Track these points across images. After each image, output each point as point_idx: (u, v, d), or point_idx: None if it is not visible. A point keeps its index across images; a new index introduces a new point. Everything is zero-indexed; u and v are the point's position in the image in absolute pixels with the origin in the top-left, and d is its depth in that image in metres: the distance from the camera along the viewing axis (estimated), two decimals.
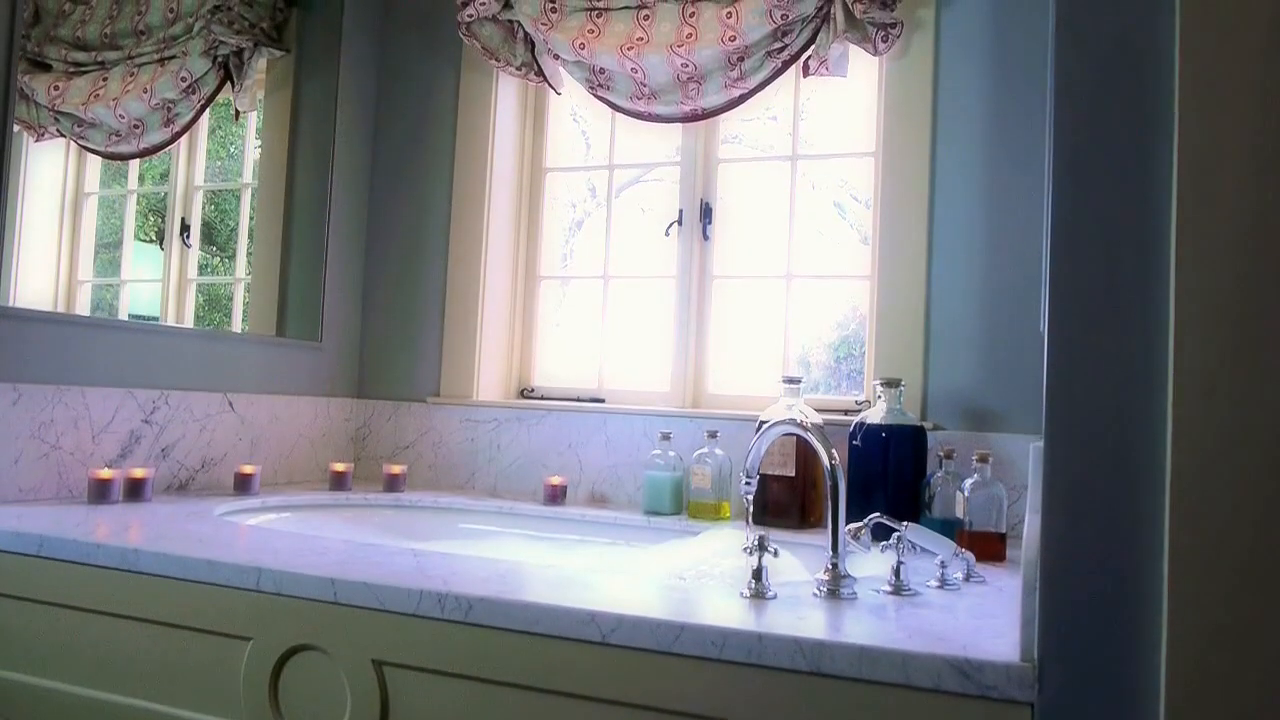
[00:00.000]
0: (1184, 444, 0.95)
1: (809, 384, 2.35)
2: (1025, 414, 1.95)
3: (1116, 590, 0.97)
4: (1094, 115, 1.02)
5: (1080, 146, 1.03)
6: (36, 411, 1.80)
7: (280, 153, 2.53)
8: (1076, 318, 1.01)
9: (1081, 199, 1.03)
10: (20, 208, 2.00)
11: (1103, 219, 1.03)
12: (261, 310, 2.43)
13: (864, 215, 2.27)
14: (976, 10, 2.05)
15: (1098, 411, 1.00)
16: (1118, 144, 1.02)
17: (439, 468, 2.42)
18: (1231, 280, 0.97)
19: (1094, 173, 1.03)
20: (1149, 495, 0.97)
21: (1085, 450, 1.01)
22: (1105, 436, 1.01)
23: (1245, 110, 0.98)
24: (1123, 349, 1.00)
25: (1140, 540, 0.97)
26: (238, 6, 2.42)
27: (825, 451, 1.36)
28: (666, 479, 2.08)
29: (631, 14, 2.24)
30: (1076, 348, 1.01)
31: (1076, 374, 1.01)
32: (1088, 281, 1.01)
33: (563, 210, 2.61)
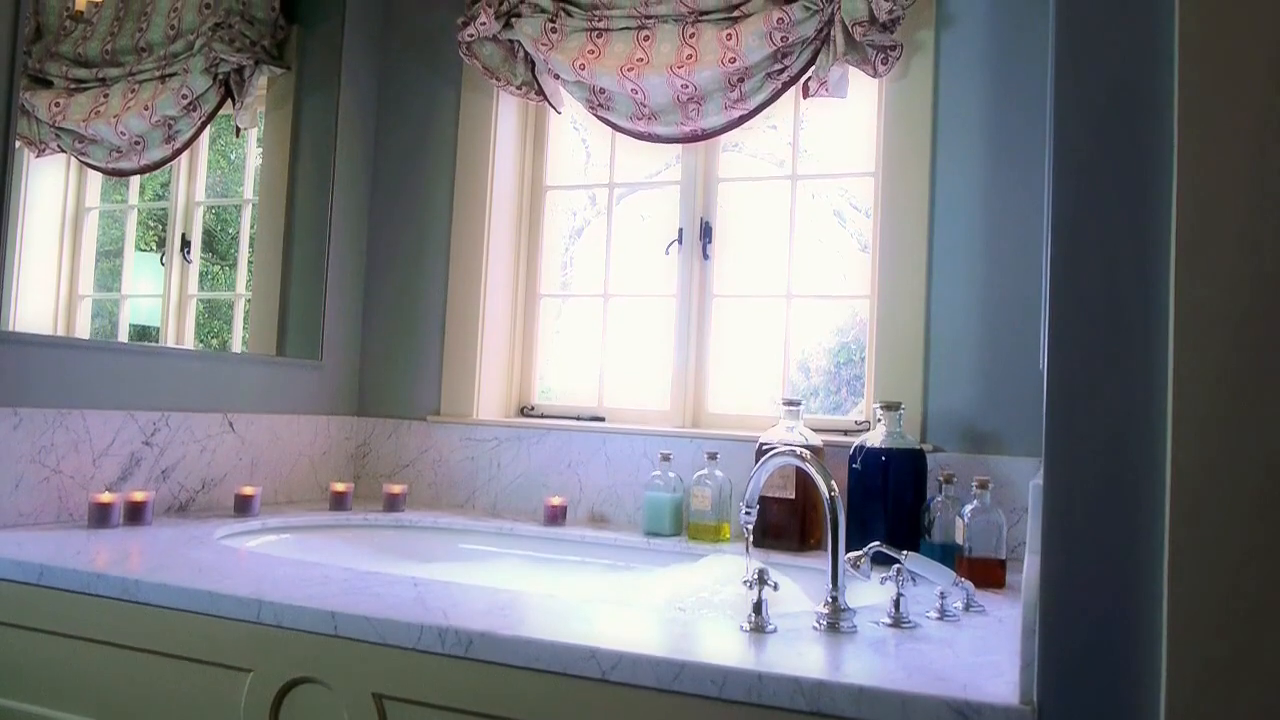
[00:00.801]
0: (1182, 487, 0.95)
1: (809, 389, 2.36)
2: (1025, 436, 1.96)
3: (1116, 633, 0.98)
4: (1093, 162, 1.02)
5: (1080, 191, 1.03)
6: (37, 435, 1.80)
7: (281, 170, 2.54)
8: (1076, 361, 1.01)
9: (1080, 248, 1.03)
10: (21, 223, 2.00)
11: (1103, 263, 1.03)
12: (261, 329, 2.44)
13: (864, 224, 2.28)
14: (976, 33, 2.05)
15: (1097, 454, 1.00)
16: (1117, 187, 1.02)
17: (439, 486, 2.42)
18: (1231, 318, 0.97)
19: (1093, 223, 1.04)
20: (1148, 539, 0.97)
21: (1085, 493, 1.01)
22: (1105, 479, 1.01)
23: (1244, 149, 0.98)
24: (1122, 392, 1.00)
25: (1140, 584, 0.97)
26: (238, 24, 2.42)
27: (824, 483, 1.36)
28: (666, 500, 2.08)
29: (632, 34, 2.25)
30: (1076, 390, 1.01)
31: (1076, 416, 1.01)
32: (1086, 326, 1.01)
33: (563, 218, 2.61)
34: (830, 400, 2.35)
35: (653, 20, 2.23)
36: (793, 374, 2.32)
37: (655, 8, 2.21)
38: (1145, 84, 1.01)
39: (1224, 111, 0.97)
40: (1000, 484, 1.92)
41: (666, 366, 2.38)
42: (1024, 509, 1.92)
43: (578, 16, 2.29)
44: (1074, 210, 1.03)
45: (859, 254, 2.29)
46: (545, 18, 2.30)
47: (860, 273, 2.27)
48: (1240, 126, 0.97)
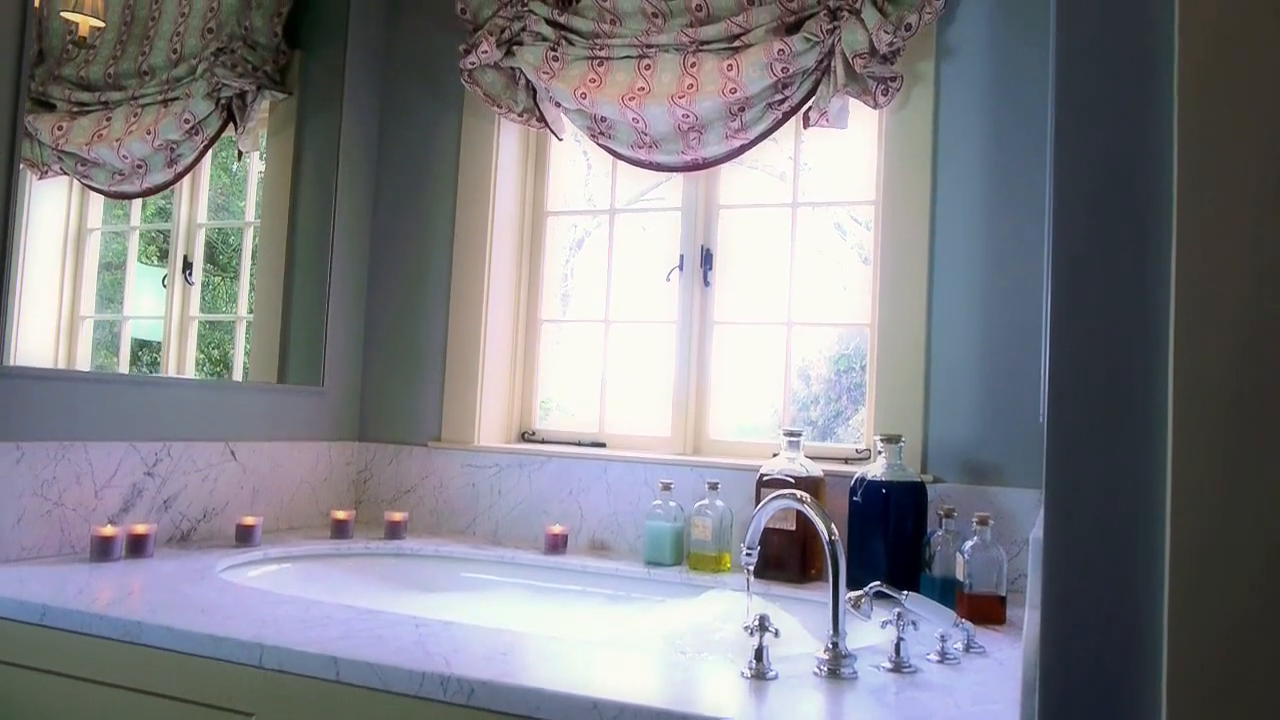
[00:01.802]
0: (1182, 545, 0.95)
1: (809, 397, 2.37)
2: (1025, 467, 1.96)
3: (1116, 692, 0.98)
4: (1091, 226, 1.03)
5: (1079, 257, 1.04)
6: (39, 469, 1.81)
7: (282, 194, 2.54)
8: (1077, 417, 1.01)
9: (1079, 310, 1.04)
10: (23, 244, 2.00)
11: (1102, 321, 1.03)
12: (263, 355, 2.44)
13: (864, 235, 2.28)
14: (976, 64, 2.06)
15: (1099, 511, 1.00)
16: (1116, 252, 1.03)
17: (440, 512, 2.42)
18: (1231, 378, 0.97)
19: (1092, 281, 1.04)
20: (1149, 597, 0.98)
21: (1085, 550, 1.01)
22: (1106, 536, 1.01)
23: (1244, 214, 0.99)
24: (1123, 449, 1.01)
25: (1141, 642, 0.98)
26: (241, 49, 2.43)
27: (824, 526, 1.37)
28: (667, 529, 2.08)
29: (633, 63, 2.25)
30: (1076, 447, 1.02)
31: (1076, 474, 1.02)
32: (1088, 387, 1.01)
33: (564, 229, 2.62)
34: (831, 408, 2.36)
35: (654, 49, 2.23)
36: (793, 382, 2.33)
37: (656, 37, 2.22)
38: (1144, 168, 1.01)
39: (1223, 185, 0.97)
40: (1001, 516, 1.93)
41: (667, 391, 2.38)
42: (1024, 541, 1.92)
43: (579, 45, 2.29)
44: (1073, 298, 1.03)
45: (860, 265, 2.29)
46: (547, 46, 2.31)
47: (860, 284, 2.28)
48: (1241, 197, 0.98)
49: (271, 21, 2.48)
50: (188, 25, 2.38)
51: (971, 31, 2.07)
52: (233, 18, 2.42)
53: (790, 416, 2.33)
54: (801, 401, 2.36)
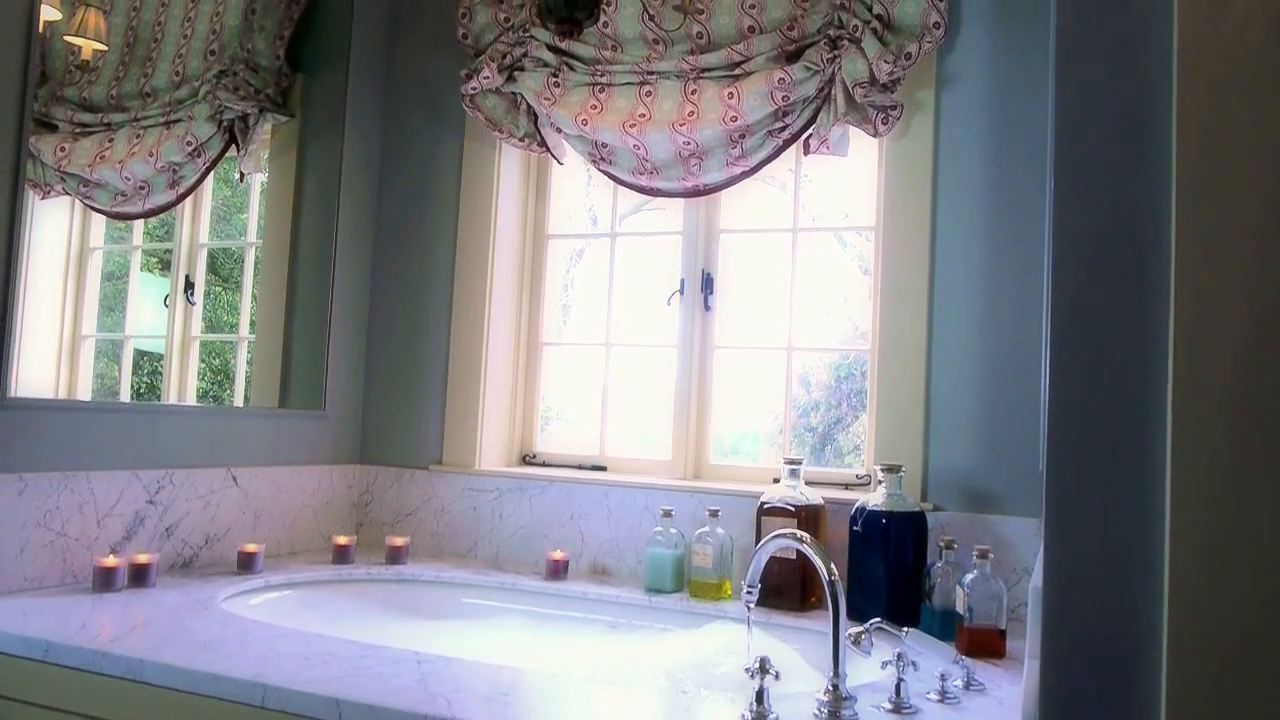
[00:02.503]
0: (1180, 607, 0.96)
1: (809, 403, 2.38)
2: (1025, 496, 1.96)
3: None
4: (1089, 283, 1.04)
5: (1077, 304, 1.04)
6: (42, 499, 1.81)
7: (284, 217, 2.55)
8: (1076, 471, 1.02)
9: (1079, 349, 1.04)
10: (25, 264, 2.01)
11: (1101, 359, 1.04)
12: (264, 380, 2.44)
13: (865, 246, 2.29)
14: (976, 93, 2.07)
15: (1097, 566, 1.01)
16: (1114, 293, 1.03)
17: (441, 536, 2.43)
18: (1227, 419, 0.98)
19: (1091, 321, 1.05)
20: (1148, 652, 0.98)
21: (1084, 600, 1.02)
22: (1104, 587, 1.02)
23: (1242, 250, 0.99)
24: (1123, 496, 1.01)
25: (1138, 696, 0.98)
26: (243, 72, 2.44)
27: (824, 566, 1.37)
28: (668, 556, 2.08)
29: (634, 89, 2.26)
30: (1074, 499, 1.02)
31: (1074, 524, 1.02)
32: (1085, 430, 1.02)
33: (564, 242, 2.63)
34: (831, 414, 2.37)
35: (654, 76, 2.24)
36: (794, 389, 2.33)
37: (657, 64, 2.22)
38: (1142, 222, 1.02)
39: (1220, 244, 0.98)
40: (1001, 545, 1.93)
41: (668, 414, 2.39)
42: (1024, 570, 1.93)
43: (580, 71, 2.30)
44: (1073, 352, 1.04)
45: (860, 276, 2.30)
46: (548, 72, 2.32)
47: (860, 294, 2.29)
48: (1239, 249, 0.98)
49: (274, 44, 2.49)
50: (190, 47, 2.39)
51: (971, 60, 2.07)
52: (235, 40, 2.43)
53: (791, 425, 2.33)
54: (802, 408, 2.37)
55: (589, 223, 2.62)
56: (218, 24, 2.45)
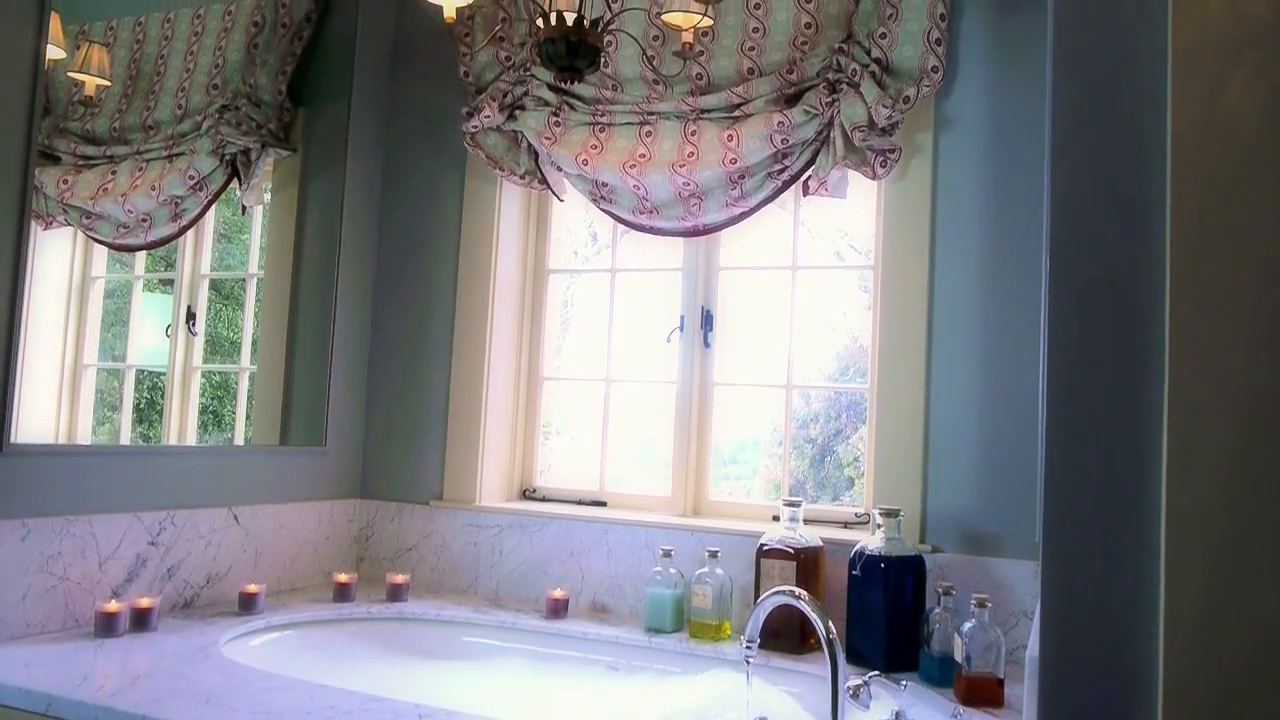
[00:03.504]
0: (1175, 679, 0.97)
1: (809, 415, 2.39)
2: (1023, 538, 1.97)
3: None
4: (1084, 353, 1.05)
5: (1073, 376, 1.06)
6: (44, 545, 1.82)
7: (285, 251, 2.56)
8: (1071, 561, 1.03)
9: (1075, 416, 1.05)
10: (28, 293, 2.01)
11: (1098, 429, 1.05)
12: (265, 416, 2.45)
13: (863, 263, 2.31)
14: (974, 135, 2.08)
15: (1095, 649, 1.02)
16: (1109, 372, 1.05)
17: (441, 571, 2.43)
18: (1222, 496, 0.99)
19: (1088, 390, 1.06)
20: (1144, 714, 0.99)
21: (1083, 671, 1.03)
22: (1101, 660, 1.03)
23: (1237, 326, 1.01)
24: (1122, 585, 1.02)
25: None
26: (245, 107, 2.45)
27: (822, 625, 1.38)
28: (668, 596, 2.09)
29: (634, 129, 2.27)
30: (1071, 584, 1.03)
31: (1073, 607, 1.03)
32: (1083, 508, 1.03)
33: (565, 258, 2.64)
34: (831, 425, 2.38)
35: (654, 116, 2.25)
36: (793, 401, 2.35)
37: (657, 104, 2.24)
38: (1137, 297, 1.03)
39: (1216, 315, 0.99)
40: (999, 587, 1.94)
41: (668, 449, 2.40)
42: (1022, 613, 1.94)
43: (581, 110, 2.31)
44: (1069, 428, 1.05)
45: (859, 292, 2.32)
46: (549, 111, 2.33)
47: (859, 307, 2.31)
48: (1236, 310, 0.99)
49: (276, 80, 2.50)
50: (193, 81, 2.40)
51: (969, 104, 2.09)
52: (237, 75, 2.44)
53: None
54: (801, 419, 2.38)
55: (589, 239, 2.63)
56: (220, 58, 2.46)
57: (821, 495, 2.36)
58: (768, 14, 2.20)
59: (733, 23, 2.22)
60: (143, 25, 2.40)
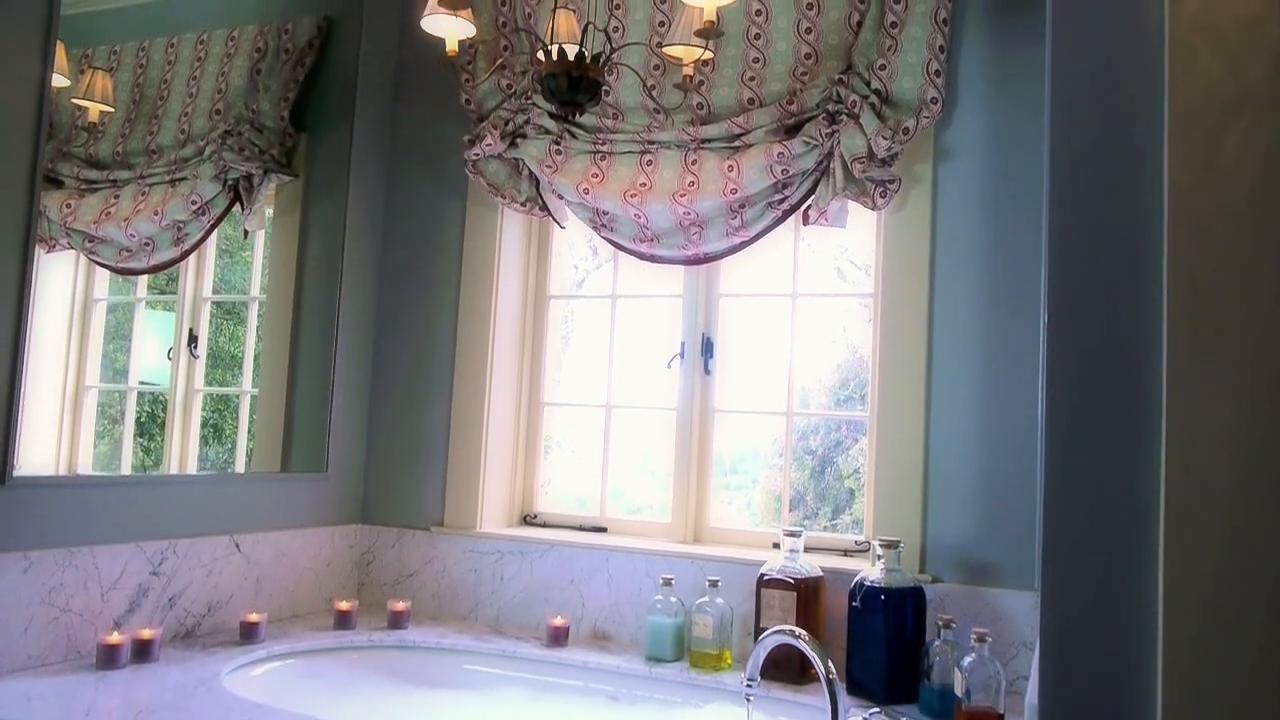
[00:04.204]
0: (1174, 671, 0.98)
1: (809, 427, 2.39)
2: (1022, 568, 1.98)
3: None
4: (1082, 402, 1.05)
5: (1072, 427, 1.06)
6: (47, 576, 1.83)
7: (287, 276, 2.57)
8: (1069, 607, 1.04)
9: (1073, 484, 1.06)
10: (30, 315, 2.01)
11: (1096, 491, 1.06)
12: (267, 442, 2.46)
13: (864, 280, 2.32)
14: (973, 166, 2.09)
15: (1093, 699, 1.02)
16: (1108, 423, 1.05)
17: (442, 597, 2.44)
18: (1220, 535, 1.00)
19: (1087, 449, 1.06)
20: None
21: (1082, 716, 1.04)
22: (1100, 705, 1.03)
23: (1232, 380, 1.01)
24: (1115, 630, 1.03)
25: None
26: (248, 133, 2.46)
27: (822, 665, 1.39)
28: (668, 625, 2.09)
29: (635, 158, 2.28)
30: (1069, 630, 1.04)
31: (1072, 658, 1.04)
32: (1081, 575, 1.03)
33: (566, 271, 2.65)
34: (831, 438, 2.39)
35: (655, 145, 2.27)
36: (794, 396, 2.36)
37: (658, 134, 2.25)
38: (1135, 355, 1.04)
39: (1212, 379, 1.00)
40: (998, 618, 1.94)
41: (668, 473, 2.40)
42: (1022, 644, 1.94)
43: (582, 139, 2.33)
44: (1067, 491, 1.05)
45: (859, 309, 2.33)
46: (550, 139, 2.34)
47: (859, 326, 2.32)
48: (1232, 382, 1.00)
49: (279, 106, 2.52)
50: (196, 106, 2.42)
51: (968, 135, 2.10)
52: (240, 101, 2.45)
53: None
54: (801, 431, 2.39)
55: (589, 253, 2.64)
56: (223, 84, 2.47)
57: (822, 506, 2.37)
58: (768, 44, 2.21)
59: (733, 53, 2.23)
60: (146, 50, 2.41)
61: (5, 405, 1.81)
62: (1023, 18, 2.06)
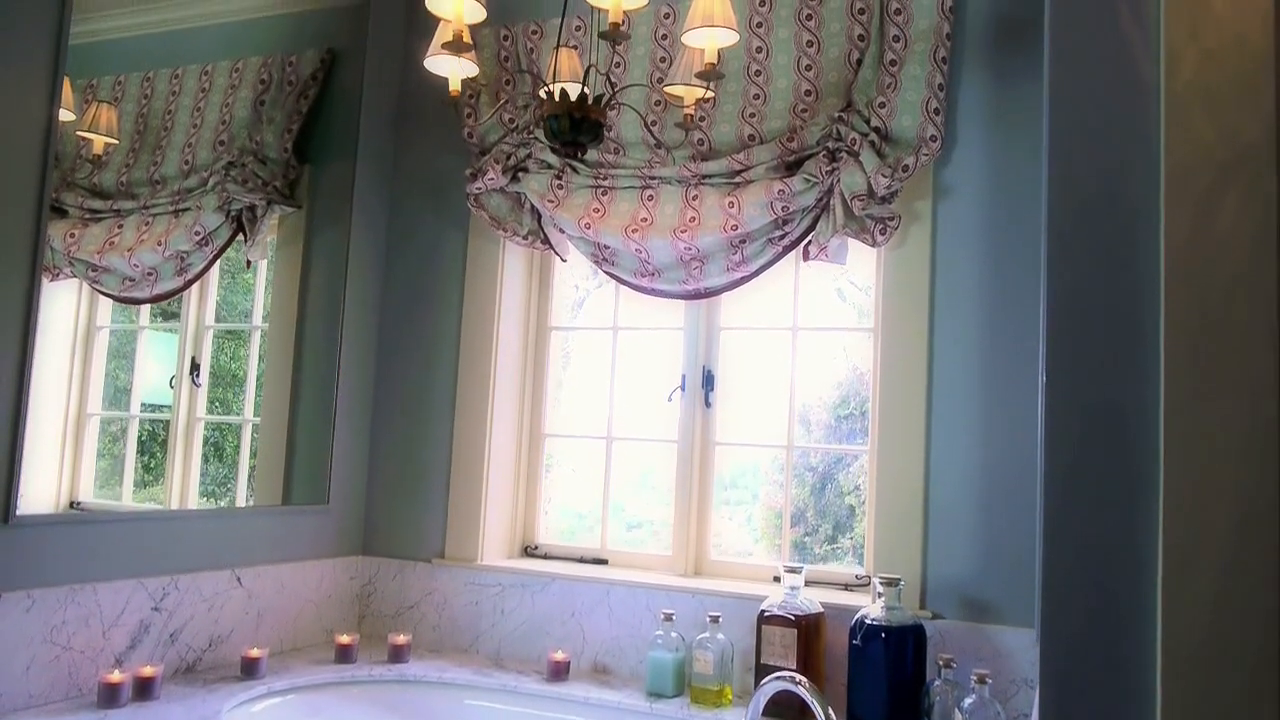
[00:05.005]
0: None
1: (808, 446, 2.39)
2: (1022, 606, 1.98)
3: None
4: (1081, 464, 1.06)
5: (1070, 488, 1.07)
6: (49, 615, 1.83)
7: (290, 307, 2.57)
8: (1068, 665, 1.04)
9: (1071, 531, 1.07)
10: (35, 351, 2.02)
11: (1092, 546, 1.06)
12: (268, 474, 2.46)
13: (864, 300, 2.33)
14: (972, 203, 2.10)
15: None
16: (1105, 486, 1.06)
17: (443, 629, 2.44)
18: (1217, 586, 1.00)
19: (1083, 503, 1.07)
20: None
21: None
22: None
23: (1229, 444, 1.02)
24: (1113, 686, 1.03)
25: None
26: (251, 164, 2.47)
27: (822, 712, 1.39)
28: (669, 660, 2.10)
29: (636, 193, 2.30)
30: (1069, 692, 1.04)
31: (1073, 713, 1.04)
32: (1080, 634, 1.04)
33: (567, 291, 2.66)
34: (831, 455, 2.39)
35: (656, 181, 2.28)
36: (795, 412, 2.37)
37: (659, 169, 2.26)
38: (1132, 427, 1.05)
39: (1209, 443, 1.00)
40: (999, 655, 1.95)
41: (669, 504, 2.41)
42: (1023, 682, 1.94)
43: (583, 174, 2.34)
44: None
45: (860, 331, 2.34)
46: (551, 174, 2.36)
47: (859, 348, 2.33)
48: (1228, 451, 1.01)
49: (282, 137, 2.53)
50: (199, 137, 2.43)
51: (967, 172, 2.11)
52: (244, 132, 2.47)
53: (790, 471, 2.35)
54: (801, 449, 2.39)
55: (589, 271, 2.65)
56: (227, 114, 2.49)
57: (822, 524, 2.37)
58: (769, 81, 2.23)
59: (734, 89, 2.25)
60: (150, 81, 2.42)
61: (9, 445, 1.82)
62: (1021, 56, 2.08)
